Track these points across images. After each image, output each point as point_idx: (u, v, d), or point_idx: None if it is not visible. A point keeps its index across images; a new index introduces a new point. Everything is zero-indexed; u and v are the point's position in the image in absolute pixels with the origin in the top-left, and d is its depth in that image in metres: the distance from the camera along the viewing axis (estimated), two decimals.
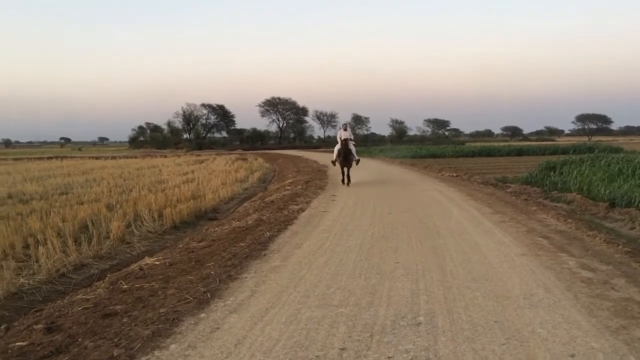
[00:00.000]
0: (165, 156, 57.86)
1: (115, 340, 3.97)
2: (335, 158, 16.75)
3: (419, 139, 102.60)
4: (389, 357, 3.57)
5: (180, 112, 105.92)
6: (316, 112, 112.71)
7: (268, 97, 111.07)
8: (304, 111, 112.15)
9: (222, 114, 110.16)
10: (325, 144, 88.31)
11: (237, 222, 10.03)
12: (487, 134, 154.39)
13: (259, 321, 4.33)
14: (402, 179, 19.83)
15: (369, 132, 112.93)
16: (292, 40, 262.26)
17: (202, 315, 4.53)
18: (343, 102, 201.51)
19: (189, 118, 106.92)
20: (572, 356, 3.52)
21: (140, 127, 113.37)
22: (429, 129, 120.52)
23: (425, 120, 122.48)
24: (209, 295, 5.07)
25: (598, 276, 5.49)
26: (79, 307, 4.90)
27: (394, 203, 12.14)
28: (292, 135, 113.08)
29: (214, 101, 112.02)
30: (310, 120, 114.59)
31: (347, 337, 3.94)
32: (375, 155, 44.88)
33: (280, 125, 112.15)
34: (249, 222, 9.83)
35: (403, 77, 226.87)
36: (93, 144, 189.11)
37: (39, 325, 4.33)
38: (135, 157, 57.45)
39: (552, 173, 16.94)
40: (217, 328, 4.20)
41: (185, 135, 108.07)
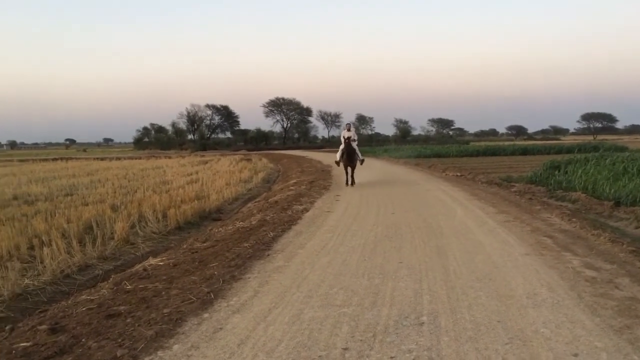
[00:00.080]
0: (170, 157, 58.06)
1: (119, 340, 3.98)
2: (338, 158, 16.37)
3: (424, 139, 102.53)
4: (391, 357, 3.57)
5: (185, 113, 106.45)
6: (320, 112, 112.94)
7: (272, 97, 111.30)
8: (308, 111, 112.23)
9: (227, 115, 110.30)
10: (329, 144, 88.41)
11: (241, 223, 10.05)
12: (492, 133, 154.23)
13: (262, 321, 4.34)
14: (406, 179, 19.80)
15: (373, 132, 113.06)
16: (296, 41, 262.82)
17: (206, 315, 4.54)
18: (347, 102, 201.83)
19: (193, 119, 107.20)
20: (576, 355, 3.51)
21: (145, 128, 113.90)
22: (433, 129, 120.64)
23: (429, 120, 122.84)
24: (212, 296, 5.08)
25: (602, 275, 5.47)
26: (83, 307, 4.92)
27: (397, 203, 12.13)
28: (296, 135, 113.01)
29: (218, 102, 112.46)
30: (314, 120, 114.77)
31: (350, 337, 3.94)
32: (379, 155, 44.86)
33: (285, 125, 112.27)
34: (253, 222, 9.84)
35: (407, 76, 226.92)
36: (98, 145, 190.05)
37: (43, 326, 4.35)
38: (140, 158, 57.58)
39: (556, 172, 16.92)
40: (220, 328, 4.21)
41: (190, 136, 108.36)
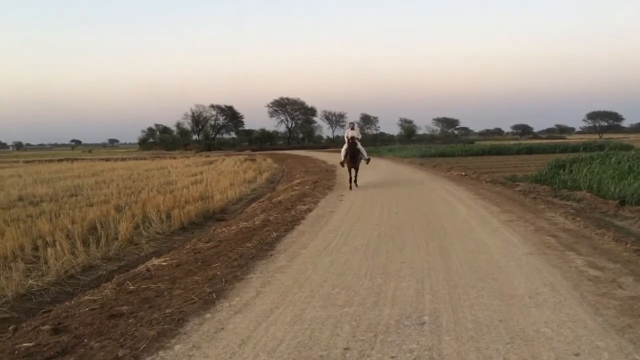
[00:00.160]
0: (175, 157, 58.12)
1: (121, 340, 4.00)
2: (343, 159, 15.90)
3: (428, 138, 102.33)
4: (392, 357, 3.57)
5: (189, 113, 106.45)
6: (325, 112, 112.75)
7: (276, 97, 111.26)
8: (312, 111, 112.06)
9: (231, 115, 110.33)
10: (334, 143, 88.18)
11: (244, 223, 10.05)
12: (497, 132, 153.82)
13: (263, 321, 4.35)
14: (410, 179, 19.77)
15: (377, 132, 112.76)
16: (300, 41, 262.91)
17: (207, 315, 4.55)
18: (351, 101, 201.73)
19: (198, 119, 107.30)
20: (577, 355, 3.50)
21: (150, 129, 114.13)
22: (438, 128, 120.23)
23: (434, 119, 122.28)
24: (214, 296, 5.09)
25: (605, 275, 5.45)
26: (86, 308, 4.94)
27: (401, 202, 12.11)
28: (300, 135, 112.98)
29: (223, 102, 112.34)
30: (318, 120, 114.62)
31: (351, 337, 3.94)
32: (384, 155, 44.75)
33: (289, 125, 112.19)
34: (256, 222, 9.85)
35: (411, 76, 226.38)
36: (103, 145, 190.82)
37: (46, 326, 4.38)
38: (145, 158, 57.74)
39: (561, 171, 16.81)
40: (222, 328, 4.22)
41: (194, 137, 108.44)
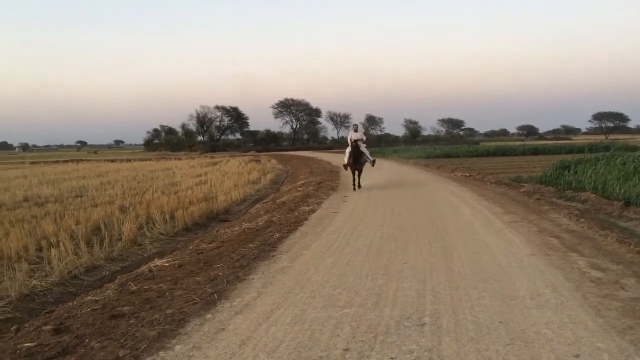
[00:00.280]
0: (180, 158, 58.25)
1: (122, 341, 4.02)
2: (346, 161, 15.58)
3: (433, 139, 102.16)
4: (392, 358, 3.56)
5: (195, 114, 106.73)
6: (329, 113, 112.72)
7: (281, 98, 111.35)
8: (317, 112, 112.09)
9: (236, 116, 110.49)
10: (338, 144, 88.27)
11: (247, 224, 10.07)
12: (503, 133, 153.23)
13: (264, 322, 4.35)
14: (415, 180, 19.74)
15: (382, 133, 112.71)
16: (305, 43, 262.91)
17: (208, 316, 4.56)
18: (356, 102, 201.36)
19: (203, 120, 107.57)
20: (577, 356, 3.48)
21: (155, 130, 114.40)
22: (443, 129, 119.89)
23: (439, 120, 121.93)
24: (215, 297, 5.10)
25: (608, 276, 5.42)
26: (88, 308, 4.96)
27: (405, 203, 12.10)
28: (305, 136, 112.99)
29: (228, 103, 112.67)
30: (323, 121, 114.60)
31: (351, 337, 3.94)
32: (388, 156, 44.72)
33: (294, 126, 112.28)
34: (259, 223, 9.86)
35: (416, 77, 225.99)
36: (109, 147, 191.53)
37: (48, 326, 4.40)
38: (150, 159, 57.86)
39: (566, 172, 16.75)
40: (223, 329, 4.23)
41: (200, 138, 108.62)
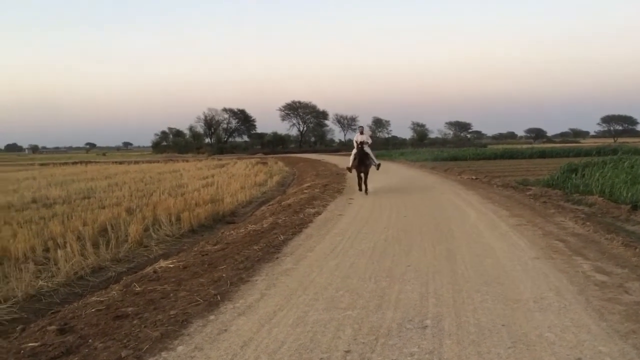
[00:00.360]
0: (187, 160, 58.42)
1: (125, 341, 4.04)
2: (351, 164, 15.37)
3: (441, 142, 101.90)
4: None
5: (202, 117, 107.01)
6: (336, 115, 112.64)
7: (288, 101, 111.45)
8: (324, 115, 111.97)
9: (243, 119, 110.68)
10: (345, 147, 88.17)
11: (252, 226, 10.09)
12: (510, 136, 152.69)
13: (266, 323, 4.37)
14: (421, 182, 19.71)
15: (390, 136, 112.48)
16: (312, 44, 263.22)
17: (211, 317, 4.58)
18: (363, 105, 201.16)
19: (210, 123, 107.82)
20: None
21: (163, 132, 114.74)
22: (451, 132, 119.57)
23: (446, 123, 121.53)
24: (219, 298, 5.12)
25: (612, 279, 5.40)
26: (92, 309, 4.99)
27: (410, 206, 12.09)
28: (312, 139, 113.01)
29: (235, 106, 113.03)
30: (330, 123, 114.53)
31: (353, 339, 3.95)
32: (395, 159, 44.68)
33: (301, 129, 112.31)
34: (265, 225, 9.88)
35: (424, 79, 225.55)
36: (117, 149, 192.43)
37: (52, 327, 4.44)
38: (158, 161, 58.07)
39: (573, 175, 16.67)
40: (225, 330, 4.25)
41: (207, 140, 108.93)
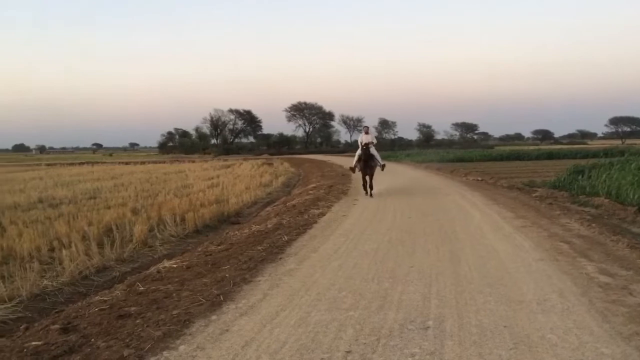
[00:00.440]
0: (193, 161, 58.69)
1: (127, 340, 4.06)
2: (354, 164, 15.32)
3: (447, 143, 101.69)
4: None
5: (208, 117, 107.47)
6: (342, 116, 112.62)
7: (294, 102, 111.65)
8: (330, 116, 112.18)
9: (249, 119, 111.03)
10: (351, 148, 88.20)
11: (257, 226, 10.11)
12: (517, 137, 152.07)
13: (268, 323, 4.37)
14: (426, 183, 19.68)
15: (396, 137, 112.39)
16: (318, 45, 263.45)
17: (213, 317, 4.59)
18: (369, 106, 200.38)
19: (216, 123, 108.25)
20: None
21: (170, 133, 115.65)
22: (457, 133, 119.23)
23: (453, 124, 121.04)
24: (221, 298, 5.13)
25: (617, 281, 5.37)
26: (96, 308, 5.02)
27: (415, 207, 12.07)
28: (318, 140, 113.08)
29: (241, 107, 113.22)
30: (336, 124, 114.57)
31: (354, 340, 3.94)
32: (401, 160, 44.67)
33: (307, 130, 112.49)
34: (269, 226, 9.90)
35: (430, 80, 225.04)
36: (124, 149, 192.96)
37: (56, 326, 4.46)
38: (164, 162, 58.32)
39: (580, 177, 16.58)
40: (227, 330, 4.26)
41: (213, 141, 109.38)
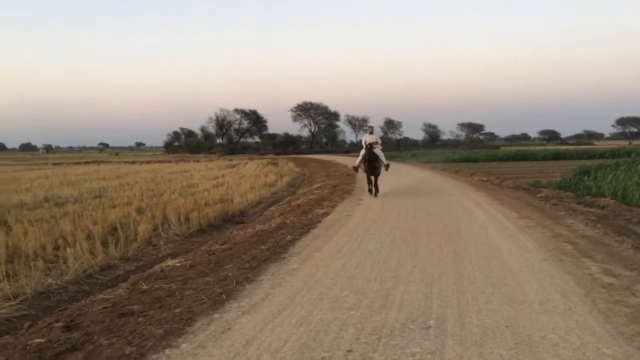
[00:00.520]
0: (199, 161, 58.77)
1: (129, 338, 4.08)
2: (358, 163, 15.30)
3: (453, 144, 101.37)
4: None
5: (214, 117, 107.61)
6: (348, 116, 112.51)
7: (300, 102, 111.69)
8: (335, 116, 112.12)
9: (255, 119, 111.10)
10: (356, 148, 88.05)
11: (260, 226, 10.13)
12: (524, 137, 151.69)
13: (269, 322, 4.38)
14: (431, 184, 19.65)
15: (401, 137, 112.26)
16: (322, 45, 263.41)
17: (216, 315, 4.61)
18: (375, 106, 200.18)
19: (222, 123, 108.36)
20: None
21: (175, 133, 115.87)
22: (463, 133, 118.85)
23: (459, 125, 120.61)
24: (224, 297, 5.15)
25: (620, 282, 5.34)
26: (99, 306, 5.04)
27: (419, 207, 12.05)
28: (324, 139, 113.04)
29: (247, 106, 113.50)
30: (342, 124, 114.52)
31: (355, 339, 3.95)
32: (406, 160, 44.63)
33: (312, 130, 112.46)
34: (273, 225, 9.91)
35: (436, 80, 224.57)
36: (130, 149, 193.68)
37: (59, 323, 4.49)
38: (170, 161, 58.45)
39: (586, 177, 16.50)
40: (229, 328, 4.27)
41: (219, 140, 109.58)
